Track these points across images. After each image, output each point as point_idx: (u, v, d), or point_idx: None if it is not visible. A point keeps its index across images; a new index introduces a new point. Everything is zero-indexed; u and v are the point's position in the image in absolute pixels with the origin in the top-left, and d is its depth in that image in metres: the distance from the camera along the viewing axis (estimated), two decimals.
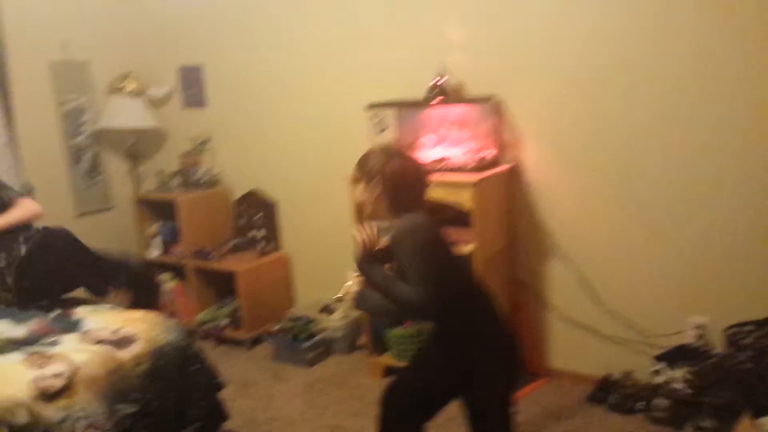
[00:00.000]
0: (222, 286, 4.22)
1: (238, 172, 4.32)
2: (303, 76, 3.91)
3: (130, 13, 4.43)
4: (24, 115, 3.90)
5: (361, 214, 2.69)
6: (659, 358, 3.01)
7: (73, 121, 4.22)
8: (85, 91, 4.26)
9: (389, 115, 3.52)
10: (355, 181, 2.22)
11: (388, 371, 3.46)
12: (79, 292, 3.10)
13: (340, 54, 3.74)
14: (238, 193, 4.34)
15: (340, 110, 3.79)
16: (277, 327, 3.87)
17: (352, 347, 3.87)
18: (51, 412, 2.14)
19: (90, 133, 4.30)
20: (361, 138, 3.45)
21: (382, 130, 3.56)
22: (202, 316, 4.15)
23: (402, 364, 3.40)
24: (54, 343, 2.42)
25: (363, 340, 3.74)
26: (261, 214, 4.26)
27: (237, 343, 4.03)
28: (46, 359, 2.27)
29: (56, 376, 2.18)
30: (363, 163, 2.17)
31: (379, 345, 3.55)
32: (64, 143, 4.18)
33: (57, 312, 2.75)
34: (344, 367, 3.70)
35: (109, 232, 4.41)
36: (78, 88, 4.23)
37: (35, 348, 2.38)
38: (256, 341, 4.03)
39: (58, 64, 4.11)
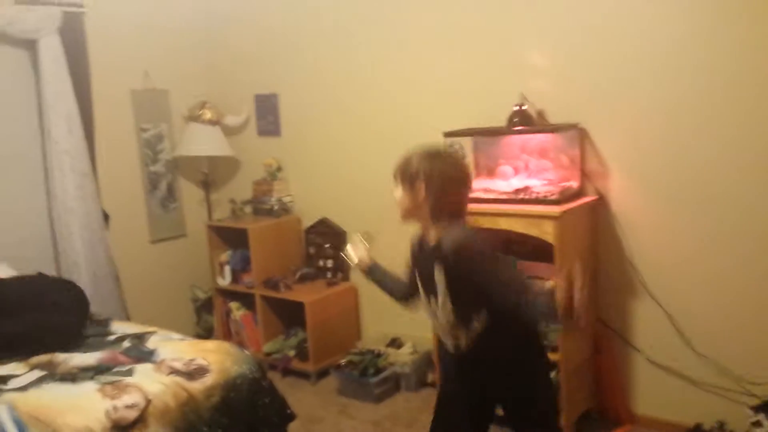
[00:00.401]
0: (289, 315, 4.17)
1: (309, 201, 4.30)
2: (376, 104, 3.87)
3: (208, 43, 4.53)
4: (105, 141, 4.00)
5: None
6: (757, 409, 2.78)
7: (152, 149, 4.31)
8: (164, 118, 4.36)
9: (467, 143, 3.41)
10: (395, 182, 2.13)
11: None
12: None
13: (416, 81, 3.68)
14: (309, 222, 4.32)
15: (414, 138, 3.66)
16: (343, 360, 3.79)
17: (421, 383, 3.74)
18: None
19: (167, 161, 4.38)
20: None
21: None
22: (269, 346, 4.10)
23: None
24: (129, 372, 2.40)
25: (432, 376, 3.62)
26: (330, 243, 4.22)
27: (303, 375, 3.96)
28: (121, 389, 2.25)
29: (130, 407, 2.15)
30: (405, 164, 2.09)
31: None
32: (142, 170, 4.26)
33: (130, 340, 2.74)
34: (413, 404, 3.58)
35: (182, 259, 4.47)
36: (157, 116, 4.32)
37: (109, 377, 2.36)
38: (322, 374, 3.95)
39: (140, 93, 4.21)
